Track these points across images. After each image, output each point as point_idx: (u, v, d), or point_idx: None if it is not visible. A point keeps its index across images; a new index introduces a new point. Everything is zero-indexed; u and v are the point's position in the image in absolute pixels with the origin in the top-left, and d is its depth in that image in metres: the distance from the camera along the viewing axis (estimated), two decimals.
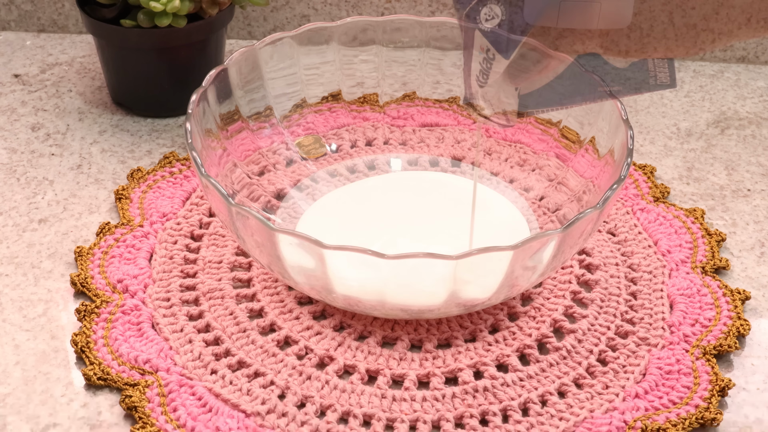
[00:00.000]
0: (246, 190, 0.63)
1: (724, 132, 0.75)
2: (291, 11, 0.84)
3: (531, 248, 0.50)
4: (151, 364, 0.53)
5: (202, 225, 0.63)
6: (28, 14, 0.85)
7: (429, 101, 0.71)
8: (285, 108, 0.67)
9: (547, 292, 0.58)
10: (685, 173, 0.70)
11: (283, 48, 0.65)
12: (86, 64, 0.81)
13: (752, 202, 0.67)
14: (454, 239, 0.59)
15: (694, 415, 0.51)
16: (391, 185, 0.64)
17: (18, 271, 0.60)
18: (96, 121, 0.74)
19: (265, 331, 0.56)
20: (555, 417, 0.51)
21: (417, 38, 0.68)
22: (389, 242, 0.58)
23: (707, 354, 0.54)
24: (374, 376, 0.53)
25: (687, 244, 0.62)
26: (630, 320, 0.57)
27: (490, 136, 0.69)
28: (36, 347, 0.55)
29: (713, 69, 0.83)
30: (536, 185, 0.66)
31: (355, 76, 0.69)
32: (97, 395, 0.52)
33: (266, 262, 0.53)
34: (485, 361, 0.54)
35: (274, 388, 0.52)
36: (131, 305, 0.56)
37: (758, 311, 0.58)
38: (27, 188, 0.67)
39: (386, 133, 0.70)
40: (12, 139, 0.72)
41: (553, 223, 0.63)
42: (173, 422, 0.50)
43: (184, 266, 0.59)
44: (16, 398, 0.51)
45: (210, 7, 0.70)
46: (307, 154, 0.68)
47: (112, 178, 0.68)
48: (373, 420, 0.50)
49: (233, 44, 0.85)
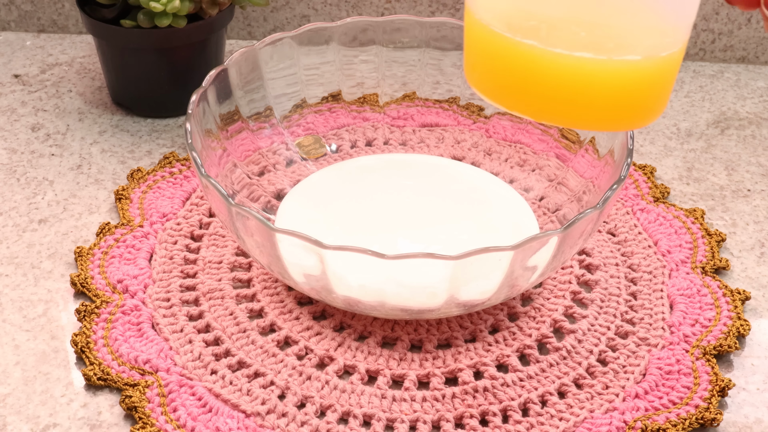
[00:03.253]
0: (246, 191, 0.63)
1: (724, 132, 0.75)
2: (291, 11, 0.84)
3: (531, 248, 0.50)
4: (151, 364, 0.53)
5: (202, 225, 0.63)
6: (28, 14, 0.85)
7: (429, 101, 0.71)
8: (285, 108, 0.67)
9: (547, 292, 0.59)
10: (685, 173, 0.70)
11: (283, 48, 0.65)
12: (86, 64, 0.81)
13: (752, 202, 0.67)
14: (454, 239, 0.59)
15: (694, 415, 0.51)
16: (390, 185, 0.64)
17: (18, 271, 0.60)
18: (96, 122, 0.74)
19: (265, 332, 0.56)
20: (555, 417, 0.51)
21: (417, 38, 0.68)
22: (389, 242, 0.58)
23: (707, 354, 0.54)
24: (374, 376, 0.53)
25: (687, 245, 0.62)
26: (630, 320, 0.57)
27: (490, 137, 0.69)
28: (36, 347, 0.55)
29: (713, 69, 0.83)
30: (536, 185, 0.66)
31: (355, 77, 0.69)
32: (97, 395, 0.52)
33: (266, 262, 0.53)
34: (485, 361, 0.54)
35: (274, 389, 0.52)
36: (131, 305, 0.56)
37: (758, 311, 0.58)
38: (27, 188, 0.67)
39: (386, 133, 0.70)
40: (12, 139, 0.72)
41: (553, 223, 0.63)
42: (173, 422, 0.50)
43: (184, 266, 0.59)
44: (16, 398, 0.51)
45: (210, 8, 0.70)
46: (307, 154, 0.68)
47: (112, 178, 0.68)
48: (373, 420, 0.50)
49: (233, 44, 0.85)
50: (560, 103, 0.43)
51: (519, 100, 0.44)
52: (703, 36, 0.83)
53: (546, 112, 0.44)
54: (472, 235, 0.60)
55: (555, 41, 0.41)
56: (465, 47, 0.46)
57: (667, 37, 0.42)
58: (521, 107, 0.44)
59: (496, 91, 0.45)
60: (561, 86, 0.42)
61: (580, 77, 0.42)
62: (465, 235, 0.60)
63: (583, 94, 0.42)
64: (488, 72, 0.45)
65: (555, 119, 0.44)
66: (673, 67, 0.43)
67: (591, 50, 0.41)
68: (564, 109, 0.43)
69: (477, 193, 0.64)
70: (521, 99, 0.44)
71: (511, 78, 0.43)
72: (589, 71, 0.42)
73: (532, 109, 0.44)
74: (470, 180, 0.65)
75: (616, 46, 0.41)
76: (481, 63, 0.45)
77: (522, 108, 0.44)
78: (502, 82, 0.44)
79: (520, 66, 0.43)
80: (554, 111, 0.43)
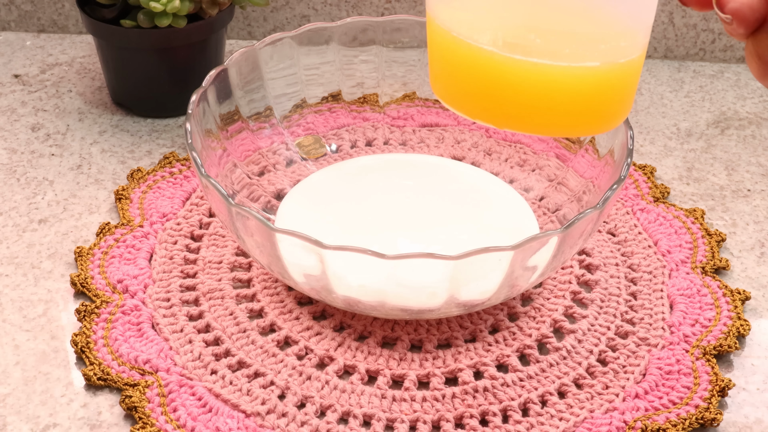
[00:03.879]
0: (246, 191, 0.63)
1: (724, 132, 0.75)
2: (291, 11, 0.84)
3: (531, 248, 0.50)
4: (151, 364, 0.53)
5: (202, 225, 0.63)
6: (28, 14, 0.85)
7: (429, 101, 0.71)
8: (285, 108, 0.67)
9: (547, 292, 0.59)
10: (685, 173, 0.70)
11: (283, 48, 0.65)
12: (86, 64, 0.81)
13: (752, 203, 0.67)
14: (454, 239, 0.59)
15: (694, 415, 0.51)
16: (390, 185, 0.64)
17: (18, 271, 0.60)
18: (96, 122, 0.74)
19: (265, 332, 0.56)
20: (555, 417, 0.51)
21: (417, 38, 0.68)
22: (389, 242, 0.58)
23: (707, 354, 0.54)
24: (374, 376, 0.53)
25: (687, 245, 0.62)
26: (630, 320, 0.57)
27: (490, 137, 0.69)
28: (36, 347, 0.55)
29: (713, 69, 0.83)
30: (536, 185, 0.66)
31: (355, 76, 0.69)
32: (97, 395, 0.52)
33: (266, 262, 0.53)
34: (485, 361, 0.54)
35: (274, 389, 0.52)
36: (131, 305, 0.56)
37: (758, 311, 0.58)
38: (27, 188, 0.67)
39: (386, 133, 0.70)
40: (12, 139, 0.72)
41: (553, 223, 0.63)
42: (173, 422, 0.50)
43: (184, 266, 0.59)
44: (16, 398, 0.51)
45: (210, 8, 0.70)
46: (307, 154, 0.68)
47: (112, 178, 0.68)
48: (373, 420, 0.50)
49: (233, 44, 0.85)
50: (522, 110, 0.43)
51: (482, 109, 0.44)
52: (703, 36, 0.83)
53: (508, 120, 0.44)
54: (472, 235, 0.60)
55: (513, 47, 0.41)
56: (429, 56, 0.46)
57: (625, 41, 0.42)
58: (484, 116, 0.44)
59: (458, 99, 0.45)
60: (521, 93, 0.42)
61: (541, 84, 0.42)
62: (465, 235, 0.60)
63: (544, 101, 0.43)
64: (451, 80, 0.45)
65: (517, 126, 0.44)
66: (634, 72, 0.44)
67: (549, 57, 0.41)
68: (526, 116, 0.43)
69: (477, 193, 0.64)
70: (484, 107, 0.44)
71: (473, 86, 0.44)
72: (549, 78, 0.42)
73: (494, 117, 0.44)
74: (470, 180, 0.65)
75: (572, 52, 0.41)
76: (444, 71, 0.45)
77: (485, 116, 0.44)
78: (464, 91, 0.44)
79: (480, 73, 0.43)
80: (516, 118, 0.43)
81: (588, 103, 0.43)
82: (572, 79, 0.42)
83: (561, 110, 0.43)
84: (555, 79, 0.42)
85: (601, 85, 0.43)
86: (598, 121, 0.44)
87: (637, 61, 0.43)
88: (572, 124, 0.44)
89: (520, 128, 0.44)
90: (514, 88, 0.42)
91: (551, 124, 0.44)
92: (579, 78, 0.42)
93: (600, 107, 0.44)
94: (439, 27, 0.44)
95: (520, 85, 0.42)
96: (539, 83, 0.42)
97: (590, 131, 0.45)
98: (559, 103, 0.43)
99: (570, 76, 0.42)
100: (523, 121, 0.43)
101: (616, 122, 0.45)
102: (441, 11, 0.44)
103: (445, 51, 0.44)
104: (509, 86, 0.42)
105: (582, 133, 0.46)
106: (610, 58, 0.42)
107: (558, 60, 0.41)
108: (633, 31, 0.42)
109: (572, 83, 0.42)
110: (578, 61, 0.41)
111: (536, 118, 0.43)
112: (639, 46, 0.43)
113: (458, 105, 0.45)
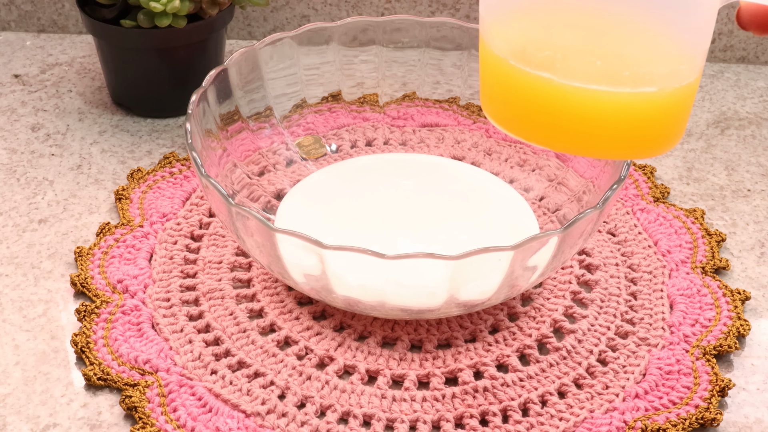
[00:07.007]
0: (246, 191, 0.63)
1: (724, 132, 0.75)
2: (291, 11, 0.84)
3: (531, 248, 0.50)
4: (151, 364, 0.53)
5: (202, 225, 0.63)
6: (28, 14, 0.85)
7: (429, 101, 0.71)
8: (285, 108, 0.67)
9: (547, 292, 0.59)
10: (685, 173, 0.70)
11: (283, 48, 0.65)
12: (86, 64, 0.81)
13: (752, 202, 0.67)
14: (454, 239, 0.59)
15: (694, 415, 0.51)
16: (390, 185, 0.64)
17: (18, 271, 0.60)
18: (96, 122, 0.74)
19: (265, 332, 0.56)
20: (555, 417, 0.51)
21: (417, 38, 0.68)
22: (389, 242, 0.58)
23: (707, 354, 0.54)
24: (374, 376, 0.53)
25: (687, 245, 0.62)
26: (630, 320, 0.57)
27: (490, 137, 0.69)
28: (36, 347, 0.55)
29: (713, 69, 0.83)
30: (536, 185, 0.66)
31: (355, 77, 0.69)
32: (97, 395, 0.52)
33: (266, 262, 0.53)
34: (485, 361, 0.54)
35: (274, 389, 0.52)
36: (131, 305, 0.56)
37: (758, 311, 0.58)
38: (27, 188, 0.67)
39: (386, 133, 0.70)
40: (12, 139, 0.72)
41: (553, 223, 0.63)
42: (173, 422, 0.50)
43: (184, 266, 0.59)
44: (16, 398, 0.51)
45: (210, 8, 0.70)
46: (307, 154, 0.68)
47: (112, 178, 0.68)
48: (373, 420, 0.50)
49: (233, 44, 0.85)
50: (577, 134, 0.43)
51: (537, 132, 0.44)
52: None
53: (564, 143, 0.44)
54: (472, 235, 0.60)
55: (570, 73, 0.41)
56: (481, 79, 0.46)
57: (683, 64, 0.42)
58: (539, 138, 0.44)
59: (513, 123, 0.45)
60: (578, 118, 0.42)
61: (598, 109, 0.42)
62: (465, 235, 0.60)
63: (601, 126, 0.42)
64: (505, 104, 0.45)
65: (573, 149, 0.44)
66: (689, 96, 0.43)
67: (607, 82, 0.41)
68: (582, 140, 0.43)
69: (477, 193, 0.64)
70: (539, 130, 0.44)
71: (529, 110, 0.44)
72: (606, 104, 0.41)
73: (550, 140, 0.44)
74: (470, 180, 0.65)
75: (632, 74, 0.41)
76: (498, 95, 0.45)
77: (540, 139, 0.44)
78: (519, 115, 0.44)
79: (536, 99, 0.43)
80: (572, 141, 0.43)
81: (644, 128, 0.43)
82: (630, 105, 0.42)
83: (617, 135, 0.43)
84: (613, 104, 0.42)
85: (659, 109, 0.42)
86: (654, 144, 0.44)
87: (694, 85, 0.43)
88: (629, 148, 0.44)
89: (576, 151, 0.44)
90: (571, 114, 0.42)
91: (606, 147, 0.44)
92: (637, 104, 0.42)
93: (656, 131, 0.43)
94: (492, 53, 0.43)
95: (577, 111, 0.42)
96: (597, 109, 0.42)
97: (646, 154, 0.45)
98: (615, 128, 0.43)
99: (628, 102, 0.41)
100: (579, 145, 0.44)
101: (672, 144, 0.45)
102: (495, 37, 0.43)
103: (498, 76, 0.44)
104: (566, 112, 0.42)
105: (638, 157, 0.46)
106: (668, 83, 0.42)
107: (617, 85, 0.41)
108: (691, 54, 0.42)
109: (630, 109, 0.42)
110: (636, 87, 0.41)
111: (592, 141, 0.43)
112: (696, 69, 0.42)
113: (513, 128, 0.45)
